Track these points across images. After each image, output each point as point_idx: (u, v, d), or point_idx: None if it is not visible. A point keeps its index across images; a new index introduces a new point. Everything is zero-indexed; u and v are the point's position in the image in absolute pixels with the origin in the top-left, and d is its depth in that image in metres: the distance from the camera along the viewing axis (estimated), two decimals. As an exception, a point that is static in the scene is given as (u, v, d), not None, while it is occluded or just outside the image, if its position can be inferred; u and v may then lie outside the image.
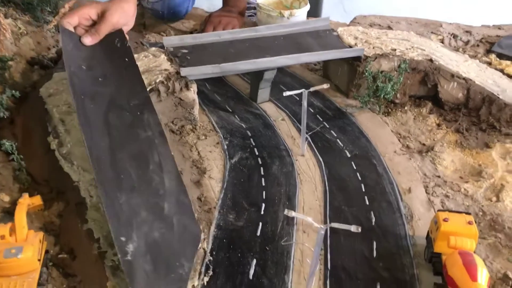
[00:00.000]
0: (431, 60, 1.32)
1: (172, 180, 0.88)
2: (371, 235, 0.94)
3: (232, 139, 1.20)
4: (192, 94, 1.23)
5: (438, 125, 1.27)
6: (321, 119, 1.30)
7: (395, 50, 1.32)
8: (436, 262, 0.82)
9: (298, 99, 1.41)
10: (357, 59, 1.34)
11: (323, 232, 0.70)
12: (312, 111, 1.33)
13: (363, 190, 1.06)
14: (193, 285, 0.81)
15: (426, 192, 1.04)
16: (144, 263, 0.78)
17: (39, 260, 0.79)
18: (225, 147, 1.17)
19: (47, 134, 1.08)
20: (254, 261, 0.88)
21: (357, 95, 1.33)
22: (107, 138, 0.90)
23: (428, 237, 0.88)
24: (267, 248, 0.90)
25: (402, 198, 1.04)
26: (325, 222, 0.97)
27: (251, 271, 0.85)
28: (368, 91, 1.30)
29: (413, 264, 0.86)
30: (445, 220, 0.82)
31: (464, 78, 1.29)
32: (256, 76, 1.32)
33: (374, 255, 0.90)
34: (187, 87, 1.20)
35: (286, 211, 0.69)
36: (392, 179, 1.09)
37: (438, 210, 0.85)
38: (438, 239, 0.82)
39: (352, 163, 1.13)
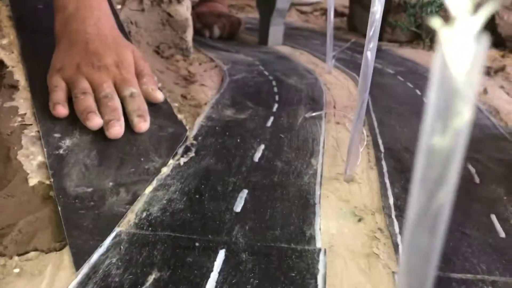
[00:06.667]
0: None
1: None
2: (441, 125, 0.62)
3: (234, 66, 0.92)
4: (184, 10, 0.97)
5: (503, 56, 0.99)
6: (351, 52, 1.02)
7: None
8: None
9: (319, 42, 1.15)
10: (391, -10, 1.09)
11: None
12: (337, 48, 1.06)
13: (419, 93, 0.75)
14: (163, 162, 0.50)
15: (509, 96, 0.73)
16: (85, 157, 0.48)
17: None
18: (225, 69, 0.89)
19: (-12, 29, 0.81)
20: (262, 146, 0.56)
21: (395, 23, 1.06)
22: None
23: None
24: (282, 136, 0.59)
25: (477, 98, 0.72)
26: (370, 123, 0.66)
27: (257, 154, 0.53)
28: (409, 19, 1.03)
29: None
30: None
31: (529, 6, 1.03)
32: (266, 6, 1.07)
33: (452, 140, 0.58)
34: (178, -1, 0.94)
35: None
36: (457, 85, 0.79)
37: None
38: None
39: (399, 76, 0.83)
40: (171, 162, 0.51)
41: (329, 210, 0.43)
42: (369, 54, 0.43)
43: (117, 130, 0.52)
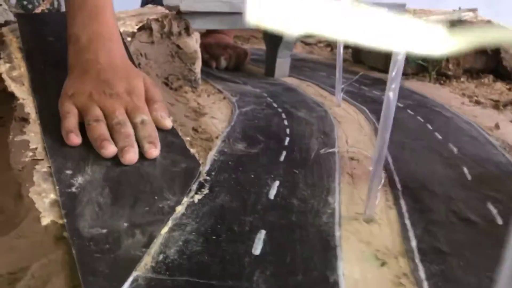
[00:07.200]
0: (489, 21, 1.08)
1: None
2: (456, 161, 0.62)
3: (242, 97, 0.92)
4: (193, 42, 0.97)
5: (509, 89, 0.99)
6: (358, 85, 1.02)
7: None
8: None
9: (325, 73, 1.15)
10: (397, 23, 1.11)
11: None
12: (345, 81, 1.06)
13: (430, 128, 0.74)
14: (177, 200, 0.49)
15: (523, 132, 0.73)
16: (98, 195, 0.47)
17: None
18: (234, 101, 0.89)
19: (-4, 61, 0.81)
20: (277, 182, 0.55)
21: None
22: None
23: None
24: (296, 172, 0.58)
25: (489, 134, 0.72)
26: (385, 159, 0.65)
27: (272, 192, 0.52)
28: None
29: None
30: None
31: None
32: (273, 39, 1.08)
33: (469, 178, 0.57)
34: (187, 31, 0.96)
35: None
36: (468, 120, 0.78)
37: None
38: None
39: (408, 110, 0.83)
40: (185, 199, 0.50)
41: (351, 253, 0.42)
42: (391, 94, 0.43)
43: (131, 156, 0.53)
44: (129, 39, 0.90)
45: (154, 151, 0.55)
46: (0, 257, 0.38)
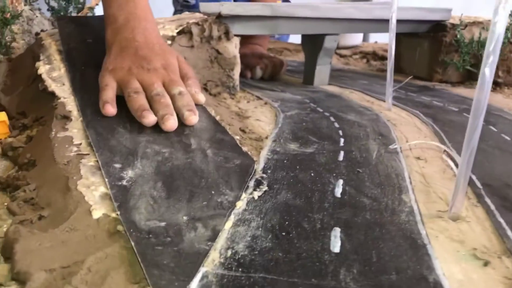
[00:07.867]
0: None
1: (201, 121, 0.59)
2: (533, 161, 0.56)
3: (284, 103, 0.88)
4: (233, 48, 0.95)
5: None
6: (404, 91, 0.97)
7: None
8: None
9: (366, 82, 1.10)
10: (441, 29, 1.06)
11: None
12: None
13: (495, 130, 0.69)
14: (236, 196, 0.45)
15: None
16: (151, 189, 0.43)
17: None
18: (276, 106, 0.85)
19: (36, 62, 0.80)
20: (341, 181, 0.50)
21: (450, 61, 1.02)
22: None
23: None
24: (360, 171, 0.53)
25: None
26: (451, 154, 0.60)
27: (338, 190, 0.48)
28: (463, 57, 0.99)
29: None
30: None
31: None
32: (313, 45, 1.05)
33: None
34: (227, 36, 0.93)
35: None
36: (534, 122, 0.73)
37: None
38: None
39: (464, 114, 0.78)
40: (244, 195, 0.46)
41: (444, 252, 0.36)
42: (487, 70, 0.38)
43: (172, 123, 0.55)
44: (169, 42, 0.87)
45: (194, 118, 0.57)
46: (51, 251, 0.34)
